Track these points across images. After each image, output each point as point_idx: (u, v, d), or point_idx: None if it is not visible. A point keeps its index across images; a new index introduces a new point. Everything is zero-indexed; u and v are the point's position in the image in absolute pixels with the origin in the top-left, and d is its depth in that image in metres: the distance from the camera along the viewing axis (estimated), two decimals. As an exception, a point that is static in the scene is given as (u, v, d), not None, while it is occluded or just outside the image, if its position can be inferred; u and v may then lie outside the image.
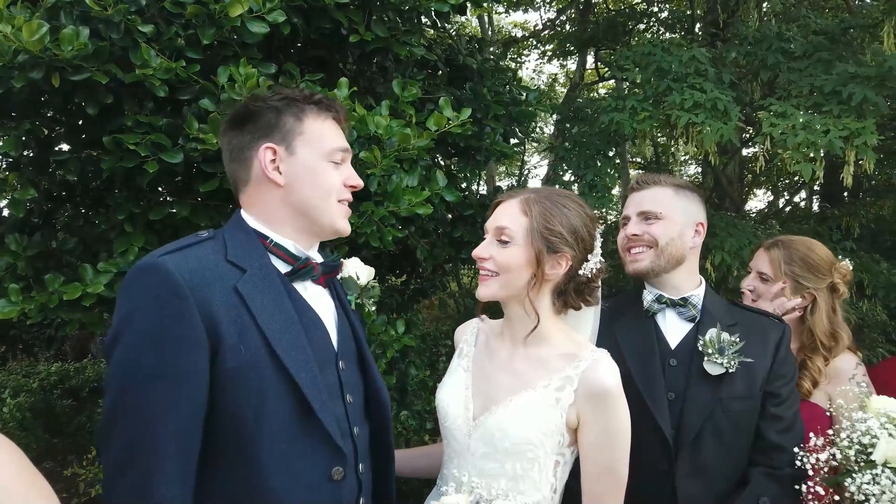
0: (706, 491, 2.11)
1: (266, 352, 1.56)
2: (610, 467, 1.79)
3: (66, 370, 6.61)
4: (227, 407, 1.52)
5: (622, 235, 2.37)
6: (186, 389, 1.47)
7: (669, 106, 4.83)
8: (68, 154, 3.00)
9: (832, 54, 5.39)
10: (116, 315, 1.51)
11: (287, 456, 1.58)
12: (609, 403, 1.76)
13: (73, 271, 2.77)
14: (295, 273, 1.72)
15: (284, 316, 1.62)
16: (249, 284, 1.59)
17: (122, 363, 1.47)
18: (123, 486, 1.42)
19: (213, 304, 1.51)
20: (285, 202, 1.71)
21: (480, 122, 3.86)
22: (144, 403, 1.44)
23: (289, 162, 1.70)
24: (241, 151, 1.73)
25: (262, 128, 1.71)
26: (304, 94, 1.77)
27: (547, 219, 1.82)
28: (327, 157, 1.74)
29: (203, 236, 1.66)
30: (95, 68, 2.44)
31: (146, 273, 1.51)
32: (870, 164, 4.28)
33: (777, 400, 2.18)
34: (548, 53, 12.92)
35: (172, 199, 2.92)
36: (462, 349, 2.09)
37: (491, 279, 1.88)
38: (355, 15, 3.10)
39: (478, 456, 1.83)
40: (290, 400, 1.58)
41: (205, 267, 1.55)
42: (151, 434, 1.43)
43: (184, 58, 2.64)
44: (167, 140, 2.64)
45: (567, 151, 5.85)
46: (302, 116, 1.73)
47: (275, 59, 3.01)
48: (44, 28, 2.25)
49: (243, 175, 1.74)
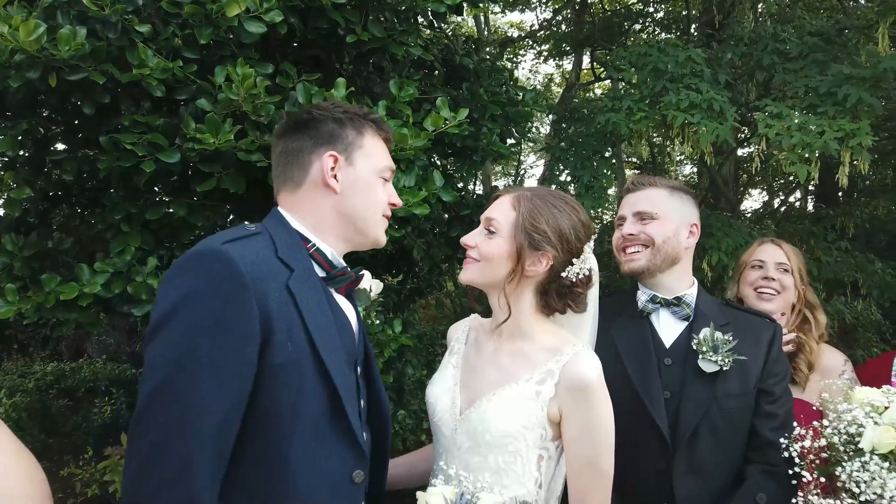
0: (703, 489, 2.13)
1: (309, 351, 1.58)
2: (592, 462, 1.80)
3: (62, 370, 6.61)
4: (264, 401, 1.53)
5: (617, 235, 2.39)
6: (236, 380, 1.47)
7: (666, 106, 4.84)
8: (64, 154, 3.00)
9: (827, 55, 5.41)
10: (166, 297, 1.49)
11: (315, 455, 1.59)
12: (590, 397, 1.78)
13: (70, 271, 2.76)
14: (332, 279, 1.76)
15: (325, 317, 1.65)
16: (298, 283, 1.62)
17: (172, 346, 1.44)
18: (159, 471, 1.39)
19: (269, 299, 1.53)
20: (336, 209, 1.76)
21: (477, 122, 3.86)
22: (193, 388, 1.42)
23: (347, 172, 1.76)
24: (300, 155, 1.77)
25: (325, 135, 1.76)
26: (364, 111, 1.85)
27: (533, 215, 1.85)
28: (379, 173, 1.82)
29: (252, 230, 1.67)
30: (92, 68, 2.44)
31: (210, 258, 1.51)
32: (864, 164, 4.30)
33: (771, 398, 2.20)
34: (544, 53, 12.93)
35: (169, 199, 2.92)
36: (453, 347, 2.12)
37: (471, 264, 1.93)
38: (352, 15, 3.10)
39: (463, 450, 1.85)
40: (324, 400, 1.61)
41: (262, 261, 1.57)
42: (196, 420, 1.41)
43: (181, 58, 2.64)
44: (164, 140, 2.64)
45: (563, 152, 5.86)
46: (362, 131, 1.80)
47: (271, 59, 3.01)
48: (41, 28, 2.25)
49: (297, 177, 1.77)
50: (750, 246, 3.02)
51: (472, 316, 2.21)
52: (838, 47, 5.71)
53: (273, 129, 2.65)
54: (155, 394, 1.43)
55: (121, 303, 2.77)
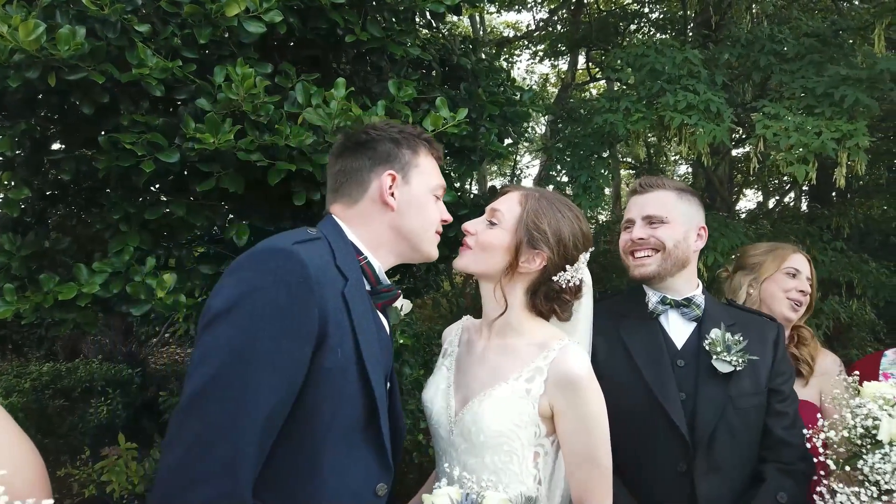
0: (723, 489, 2.12)
1: (355, 359, 1.60)
2: (589, 455, 1.80)
3: (58, 370, 6.58)
4: (308, 403, 1.54)
5: (626, 238, 2.36)
6: (289, 378, 1.47)
7: (663, 107, 4.85)
8: (62, 154, 2.99)
9: (823, 56, 5.44)
10: (230, 288, 1.50)
11: (345, 462, 1.61)
12: (580, 391, 1.78)
13: (68, 271, 2.76)
14: (375, 294, 1.78)
15: (370, 329, 1.68)
16: (352, 293, 1.64)
17: (232, 338, 1.44)
18: (206, 461, 1.37)
19: (328, 304, 1.55)
20: (392, 226, 1.81)
21: (475, 122, 3.87)
22: (249, 382, 1.42)
23: (403, 190, 1.81)
24: (358, 173, 1.82)
25: (382, 155, 1.82)
26: (418, 130, 1.92)
27: (537, 214, 1.87)
28: (433, 190, 1.87)
29: (313, 234, 1.70)
30: (91, 68, 2.44)
31: (280, 257, 1.53)
32: (861, 165, 4.32)
33: (780, 396, 2.21)
34: (539, 54, 12.94)
35: (168, 199, 2.91)
36: (446, 349, 2.13)
37: (466, 251, 1.95)
38: (351, 15, 3.11)
39: (461, 451, 1.86)
40: (361, 409, 1.62)
41: (325, 265, 1.61)
42: (251, 413, 1.41)
43: (180, 57, 2.65)
44: (163, 139, 2.64)
45: (560, 152, 5.87)
46: (417, 150, 1.87)
47: (270, 59, 3.01)
48: (40, 27, 2.25)
49: (355, 194, 1.82)
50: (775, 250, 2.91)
51: (465, 317, 2.23)
52: (834, 48, 5.74)
53: (272, 128, 2.67)
54: (209, 383, 1.41)
55: (119, 303, 2.77)
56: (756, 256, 2.91)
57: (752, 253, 2.95)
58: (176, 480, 1.37)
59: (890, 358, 2.80)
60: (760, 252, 2.92)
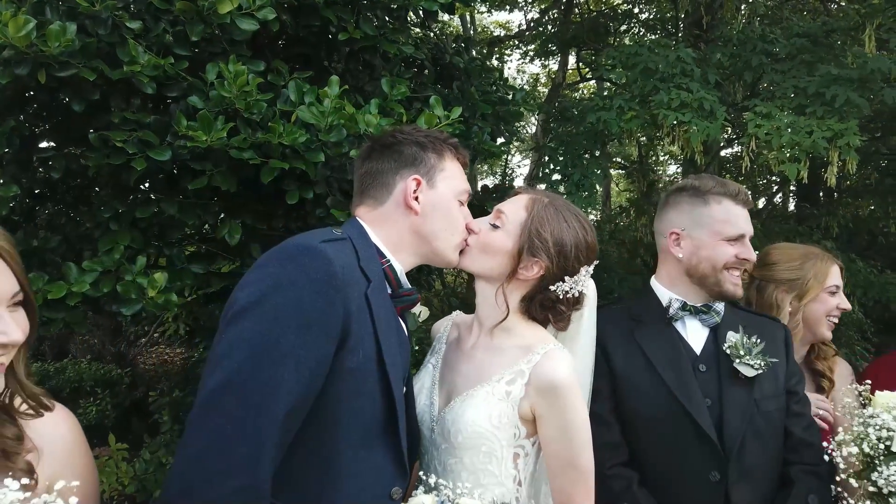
0: (755, 495, 2.09)
1: (376, 360, 1.60)
2: (571, 460, 1.79)
3: (46, 370, 6.53)
4: (328, 402, 1.53)
5: (732, 253, 2.21)
6: (311, 375, 1.47)
7: (657, 105, 4.86)
8: (52, 151, 2.96)
9: (814, 56, 5.47)
10: (261, 281, 1.50)
11: (362, 464, 1.60)
12: (561, 397, 1.77)
13: (57, 270, 2.73)
14: (397, 297, 1.78)
15: (391, 331, 1.68)
16: (375, 295, 1.64)
17: (257, 332, 1.44)
18: (229, 455, 1.36)
19: (352, 304, 1.55)
20: (414, 229, 1.81)
21: (468, 121, 3.86)
22: (273, 377, 1.41)
23: (428, 194, 1.81)
24: (384, 176, 1.83)
25: (408, 158, 1.83)
26: (444, 135, 1.92)
27: (541, 222, 1.86)
28: (457, 196, 1.87)
29: (338, 234, 1.69)
30: (82, 64, 2.41)
31: (309, 254, 1.53)
32: (852, 164, 4.35)
33: (797, 397, 2.21)
34: (530, 53, 12.95)
35: (159, 197, 2.88)
36: (434, 346, 2.12)
37: (468, 249, 1.94)
38: (344, 13, 3.09)
39: (441, 451, 1.86)
40: (380, 411, 1.62)
41: (350, 266, 1.61)
42: (271, 409, 1.40)
43: (172, 54, 2.62)
44: (155, 137, 2.62)
45: (553, 151, 5.87)
46: (443, 154, 1.87)
47: (262, 57, 2.99)
48: (30, 23, 2.21)
49: (380, 196, 1.83)
50: (813, 261, 2.64)
51: (455, 313, 2.22)
52: (825, 49, 5.77)
53: (265, 126, 2.65)
54: (234, 376, 1.41)
55: (109, 302, 2.74)
56: (794, 270, 2.62)
57: (786, 265, 2.65)
58: (196, 474, 1.36)
59: None
60: (797, 264, 2.63)
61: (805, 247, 2.76)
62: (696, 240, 2.25)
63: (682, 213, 2.30)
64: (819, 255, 2.67)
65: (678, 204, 2.32)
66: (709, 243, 2.23)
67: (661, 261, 2.38)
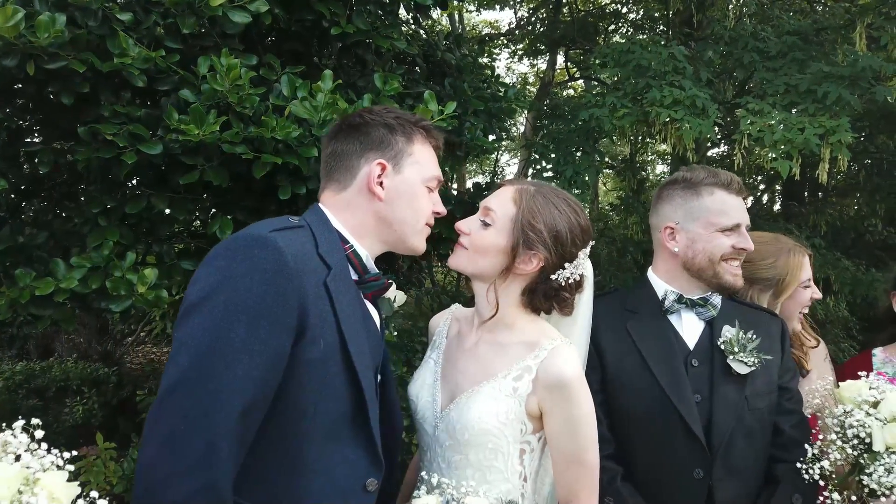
0: (741, 493, 2.07)
1: (339, 350, 1.56)
2: (577, 456, 1.78)
3: (32, 369, 6.46)
4: (290, 396, 1.50)
5: (728, 244, 2.17)
6: (267, 371, 1.43)
7: (649, 103, 4.87)
8: (40, 146, 2.91)
9: (805, 54, 5.50)
10: (210, 276, 1.47)
11: (332, 457, 1.57)
12: (568, 393, 1.75)
13: (44, 266, 2.69)
14: (364, 283, 1.73)
15: (356, 319, 1.64)
16: (335, 282, 1.60)
17: (207, 329, 1.41)
18: (183, 454, 1.34)
19: (308, 293, 1.51)
20: (379, 215, 1.75)
21: (460, 117, 3.85)
22: (224, 374, 1.38)
23: (393, 179, 1.75)
24: (348, 158, 1.76)
25: (375, 141, 1.76)
26: (416, 117, 1.84)
27: (532, 214, 1.80)
28: (426, 182, 1.80)
29: (295, 222, 1.65)
30: (72, 56, 2.38)
31: (257, 245, 1.48)
32: (844, 161, 4.38)
33: (789, 394, 2.17)
34: (518, 52, 12.96)
35: (149, 193, 2.85)
36: (435, 341, 2.07)
37: (460, 251, 1.90)
38: (337, 7, 3.07)
39: (445, 448, 1.83)
40: (347, 402, 1.58)
41: (304, 254, 1.56)
42: (226, 405, 1.37)
43: (163, 47, 2.59)
44: (145, 131, 2.58)
45: (545, 148, 5.88)
46: (412, 138, 1.79)
47: (254, 51, 2.96)
48: (19, 14, 2.18)
49: (343, 180, 1.77)
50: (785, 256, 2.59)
51: (454, 306, 2.17)
52: (815, 46, 5.81)
53: (257, 121, 2.62)
54: (186, 374, 1.38)
55: (98, 299, 2.70)
56: (768, 269, 2.58)
57: (760, 263, 2.59)
58: (153, 475, 1.34)
59: (880, 357, 2.82)
60: (770, 262, 2.59)
61: (774, 238, 2.68)
62: (691, 233, 2.20)
63: (675, 206, 2.26)
64: (790, 248, 2.63)
65: (671, 197, 2.27)
66: (704, 235, 2.18)
67: (657, 255, 2.35)
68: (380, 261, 4.72)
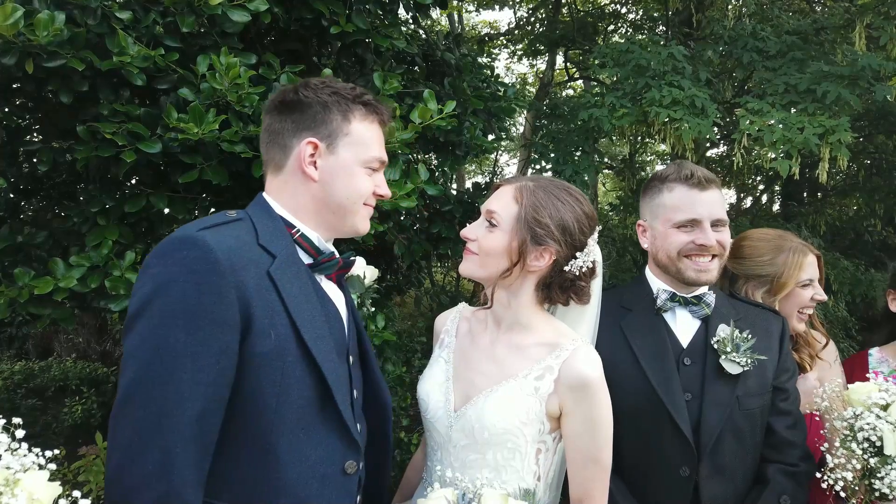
0: (728, 492, 2.06)
1: (294, 339, 1.54)
2: (594, 455, 1.78)
3: (31, 369, 6.46)
4: (249, 392, 1.49)
5: (686, 240, 2.13)
6: (214, 371, 1.42)
7: (648, 102, 4.86)
8: (39, 144, 2.91)
9: (805, 53, 5.50)
10: (143, 286, 1.45)
11: (304, 446, 1.56)
12: (590, 393, 1.74)
13: (43, 266, 2.69)
14: (318, 265, 1.71)
15: (310, 305, 1.61)
16: (280, 271, 1.57)
17: (148, 338, 1.40)
18: (141, 465, 1.35)
19: (248, 287, 1.48)
20: (315, 197, 1.69)
21: (459, 117, 3.85)
22: (169, 381, 1.37)
23: (328, 160, 1.68)
24: (282, 137, 1.70)
25: (308, 120, 1.68)
26: (355, 92, 1.73)
27: (536, 209, 1.79)
28: (364, 163, 1.72)
29: (232, 216, 1.61)
30: (71, 55, 2.37)
31: (185, 246, 1.46)
32: (843, 161, 4.37)
33: (784, 395, 2.15)
34: (517, 53, 12.96)
35: (148, 192, 2.84)
36: (443, 340, 2.06)
37: (471, 257, 1.88)
38: (336, 6, 3.06)
39: (460, 447, 1.82)
40: (311, 389, 1.57)
41: (241, 247, 1.52)
42: (177, 414, 1.37)
43: (162, 46, 2.58)
44: (145, 129, 2.58)
45: (544, 147, 5.87)
46: (349, 116, 1.70)
47: (253, 50, 2.95)
48: (18, 12, 2.17)
49: (279, 160, 1.71)
50: (784, 255, 2.51)
51: (461, 305, 2.15)
52: (814, 46, 5.81)
53: (257, 119, 2.62)
54: (132, 387, 1.39)
55: (97, 298, 2.70)
56: (764, 265, 2.52)
57: (757, 258, 2.55)
58: (120, 485, 1.36)
59: (876, 357, 2.81)
60: (768, 259, 2.52)
61: (777, 235, 2.60)
62: (654, 230, 2.21)
63: (645, 204, 2.26)
64: (792, 247, 2.54)
65: (645, 195, 2.27)
66: (662, 232, 2.17)
67: None
68: (378, 261, 4.72)
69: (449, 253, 4.35)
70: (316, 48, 3.63)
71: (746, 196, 11.57)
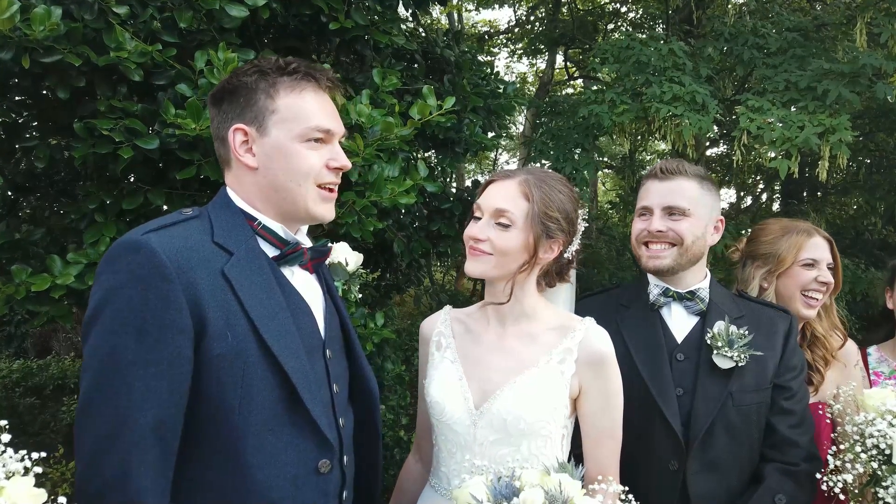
0: (718, 488, 2.06)
1: (253, 338, 1.49)
2: (611, 431, 1.82)
3: (29, 367, 6.45)
4: (211, 395, 1.46)
5: (641, 228, 2.21)
6: (168, 377, 1.39)
7: (649, 98, 4.85)
8: (36, 141, 2.89)
9: (806, 51, 5.49)
10: (94, 294, 1.42)
11: (272, 447, 1.52)
12: (607, 369, 1.80)
13: (40, 263, 2.67)
14: (283, 257, 1.64)
15: (272, 301, 1.55)
16: (237, 268, 1.51)
17: (99, 347, 1.38)
18: (100, 476, 1.35)
19: (200, 288, 1.44)
20: (260, 185, 1.61)
21: (459, 114, 3.84)
22: (123, 390, 1.35)
23: (261, 143, 1.59)
24: (219, 130, 1.63)
25: (235, 106, 1.60)
26: (278, 63, 1.62)
27: (546, 204, 1.80)
28: (302, 137, 1.60)
29: (187, 214, 1.56)
30: (68, 50, 2.35)
31: (129, 251, 1.41)
32: (843, 159, 4.36)
33: (788, 393, 2.13)
34: (517, 52, 12.96)
35: (146, 188, 2.83)
36: (440, 342, 2.02)
37: (483, 257, 1.84)
38: (335, 2, 3.05)
39: (488, 444, 1.80)
40: (276, 389, 1.52)
41: (191, 248, 1.47)
42: (130, 423, 1.35)
43: (160, 41, 2.57)
44: (142, 125, 2.56)
45: (544, 144, 5.86)
46: (273, 93, 1.60)
47: (252, 46, 2.94)
48: (14, 6, 2.15)
49: (224, 154, 1.65)
50: (788, 236, 2.51)
51: (447, 308, 2.13)
52: (815, 43, 5.80)
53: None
54: (89, 395, 1.38)
55: (95, 295, 2.68)
56: (767, 244, 2.53)
57: (763, 239, 2.56)
58: (87, 490, 1.36)
59: (875, 356, 2.79)
60: (772, 238, 2.53)
61: (790, 223, 2.60)
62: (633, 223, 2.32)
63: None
64: (799, 230, 2.52)
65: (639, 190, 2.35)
66: (633, 222, 2.31)
67: None
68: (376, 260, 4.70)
69: (448, 251, 4.35)
70: (315, 44, 3.62)
71: (746, 195, 11.57)
